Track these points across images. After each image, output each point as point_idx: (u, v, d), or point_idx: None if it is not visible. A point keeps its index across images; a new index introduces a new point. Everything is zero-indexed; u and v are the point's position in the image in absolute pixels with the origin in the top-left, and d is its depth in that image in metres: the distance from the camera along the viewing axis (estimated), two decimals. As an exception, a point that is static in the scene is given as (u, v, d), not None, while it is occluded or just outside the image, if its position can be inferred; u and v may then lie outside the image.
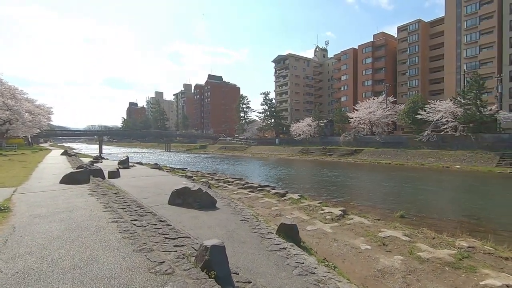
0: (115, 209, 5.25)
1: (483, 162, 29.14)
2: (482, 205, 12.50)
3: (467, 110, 32.50)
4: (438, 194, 15.54)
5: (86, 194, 6.32)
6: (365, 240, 7.31)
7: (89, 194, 6.34)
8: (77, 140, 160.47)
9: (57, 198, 5.85)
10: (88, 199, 5.78)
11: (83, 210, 4.82)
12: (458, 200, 14.39)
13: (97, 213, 4.66)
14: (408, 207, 11.91)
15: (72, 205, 5.21)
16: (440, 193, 15.84)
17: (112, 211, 4.98)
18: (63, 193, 6.39)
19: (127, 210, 5.40)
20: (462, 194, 16.24)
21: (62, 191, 6.65)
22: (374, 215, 10.27)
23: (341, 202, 12.56)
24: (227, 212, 6.95)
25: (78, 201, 5.59)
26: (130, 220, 4.61)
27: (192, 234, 4.77)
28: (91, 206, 5.22)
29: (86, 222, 4.14)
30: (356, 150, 43.74)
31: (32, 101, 39.42)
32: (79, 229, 3.79)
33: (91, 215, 4.51)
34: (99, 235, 3.55)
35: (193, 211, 6.77)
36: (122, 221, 4.28)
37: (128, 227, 3.98)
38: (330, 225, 8.55)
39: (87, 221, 4.17)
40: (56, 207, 5.01)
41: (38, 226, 3.87)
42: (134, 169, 16.60)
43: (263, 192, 14.02)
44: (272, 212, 10.09)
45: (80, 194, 6.36)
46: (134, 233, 3.77)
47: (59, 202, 5.39)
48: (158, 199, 7.62)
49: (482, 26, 42.95)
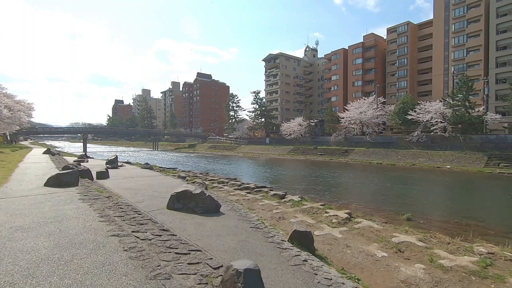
0: (112, 218, 4.58)
1: (472, 163, 29.67)
2: (484, 206, 12.45)
3: (456, 111, 33.06)
4: (436, 195, 15.48)
5: (76, 199, 5.57)
6: (379, 246, 6.90)
7: (79, 199, 5.60)
8: (59, 138, 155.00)
9: (42, 204, 5.09)
10: (79, 206, 5.06)
11: (75, 220, 4.12)
12: (458, 201, 14.33)
13: (92, 224, 3.98)
14: (411, 209, 11.67)
15: (61, 213, 4.49)
16: (439, 194, 15.80)
17: (109, 220, 4.31)
18: (50, 198, 5.62)
19: (125, 218, 4.74)
20: (460, 194, 16.25)
21: (48, 196, 5.87)
22: (380, 217, 9.92)
23: (342, 204, 12.20)
24: (233, 218, 6.36)
25: (68, 208, 4.86)
26: (131, 232, 3.97)
27: (202, 246, 4.18)
28: (83, 214, 4.51)
29: (80, 236, 3.47)
30: (347, 150, 43.86)
31: (11, 97, 37.26)
32: (73, 246, 3.11)
33: (85, 227, 3.83)
34: (100, 255, 2.89)
35: (196, 216, 6.16)
36: (124, 234, 3.63)
37: (132, 243, 3.34)
38: (339, 230, 8.10)
39: (82, 235, 3.49)
40: (42, 216, 4.28)
41: (21, 243, 3.17)
42: (123, 169, 15.70)
43: (261, 193, 13.49)
44: (274, 215, 9.57)
45: (69, 199, 5.62)
46: (141, 250, 3.14)
47: (46, 210, 4.64)
48: (155, 203, 6.97)
49: (470, 29, 43.95)
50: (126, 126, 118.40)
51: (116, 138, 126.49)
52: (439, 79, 49.32)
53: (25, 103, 39.61)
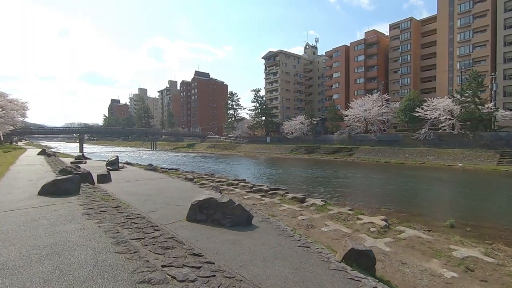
0: (129, 242, 3.41)
1: (484, 161, 28.80)
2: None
3: (466, 107, 32.16)
4: (466, 196, 14.45)
5: (79, 214, 4.37)
6: (442, 263, 5.80)
7: (84, 214, 4.39)
8: (54, 138, 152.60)
9: (35, 223, 3.88)
10: (85, 225, 3.86)
11: (81, 251, 2.94)
12: (495, 202, 13.30)
13: (107, 258, 2.79)
14: (447, 213, 10.65)
15: (62, 238, 3.30)
16: (467, 195, 14.78)
17: (128, 248, 3.14)
18: (45, 214, 4.41)
19: (146, 242, 3.57)
20: (491, 195, 15.24)
21: (44, 210, 4.66)
22: (419, 224, 8.84)
23: (370, 208, 11.10)
24: (271, 233, 5.16)
25: (70, 229, 3.66)
26: (161, 267, 2.81)
27: (251, 278, 3.02)
28: (92, 239, 3.33)
29: (94, 281, 2.30)
30: (351, 149, 42.91)
31: (4, 95, 35.70)
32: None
33: (97, 264, 2.63)
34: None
35: (226, 231, 4.99)
36: (156, 279, 2.45)
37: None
38: (383, 241, 6.98)
39: (96, 282, 2.32)
40: (34, 244, 3.09)
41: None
42: (125, 170, 14.48)
43: (277, 196, 12.34)
44: (301, 223, 8.43)
45: (71, 214, 4.41)
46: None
47: (40, 233, 3.44)
48: (171, 213, 5.80)
49: (476, 25, 43.10)
50: (122, 125, 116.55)
51: (113, 138, 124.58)
52: (443, 75, 48.47)
53: (19, 102, 38.03)
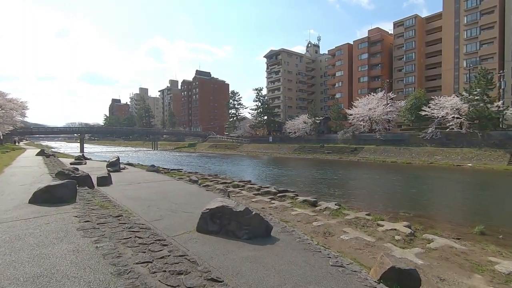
0: (133, 269, 2.74)
1: (494, 160, 28.06)
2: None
3: (475, 106, 31.38)
4: (482, 198, 13.73)
5: (73, 230, 3.68)
6: (487, 280, 5.09)
7: (79, 229, 3.70)
8: (55, 138, 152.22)
9: (20, 242, 3.20)
10: (79, 244, 3.18)
11: (72, 286, 2.28)
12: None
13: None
14: (470, 217, 9.96)
15: (49, 265, 2.61)
16: (483, 197, 14.07)
17: (132, 280, 2.47)
18: (33, 229, 3.72)
19: (154, 266, 2.90)
20: (509, 197, 14.52)
21: (32, 223, 3.99)
22: (445, 231, 8.16)
23: (385, 212, 10.42)
24: (295, 247, 4.46)
25: (61, 251, 2.96)
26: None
27: None
28: (86, 266, 2.65)
29: None
30: (356, 148, 42.18)
31: (3, 94, 35.08)
32: None
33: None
34: None
35: (243, 245, 4.30)
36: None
37: None
38: (413, 252, 6.27)
39: None
40: (13, 274, 2.41)
41: None
42: (126, 172, 13.81)
43: (286, 199, 11.66)
44: (317, 230, 7.71)
45: (64, 229, 3.72)
46: None
47: (22, 258, 2.74)
48: (178, 222, 5.11)
49: (483, 21, 42.29)
50: (123, 125, 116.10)
51: (113, 138, 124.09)
52: (449, 73, 47.67)
53: (18, 101, 37.43)
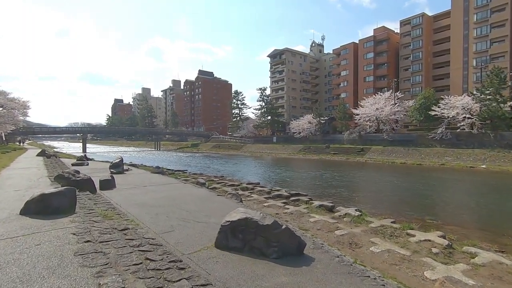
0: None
1: (508, 162, 27.13)
2: None
3: (487, 105, 30.44)
4: (509, 202, 12.95)
5: (69, 256, 2.88)
6: (558, 306, 4.33)
7: (76, 255, 2.92)
8: (58, 138, 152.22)
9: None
10: (76, 280, 2.40)
11: None
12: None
13: None
14: (504, 225, 9.14)
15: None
16: (509, 202, 13.27)
17: None
18: (19, 253, 2.93)
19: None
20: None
21: (19, 244, 3.20)
22: (484, 242, 7.35)
23: (408, 218, 9.61)
24: (337, 270, 3.65)
25: (51, 286, 2.24)
26: None
27: None
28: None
29: None
30: (363, 149, 41.32)
31: (4, 94, 34.55)
32: None
33: None
34: None
35: (273, 266, 3.53)
36: None
37: None
38: (458, 269, 5.42)
39: None
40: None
41: None
42: (130, 174, 13.08)
43: (301, 203, 10.84)
44: (341, 240, 6.87)
45: (57, 254, 2.91)
46: None
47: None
48: (192, 235, 4.34)
49: (494, 19, 41.29)
50: (126, 125, 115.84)
51: (116, 138, 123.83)
52: (457, 73, 46.66)
53: (20, 101, 36.90)
